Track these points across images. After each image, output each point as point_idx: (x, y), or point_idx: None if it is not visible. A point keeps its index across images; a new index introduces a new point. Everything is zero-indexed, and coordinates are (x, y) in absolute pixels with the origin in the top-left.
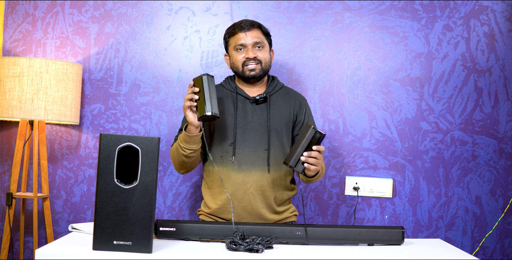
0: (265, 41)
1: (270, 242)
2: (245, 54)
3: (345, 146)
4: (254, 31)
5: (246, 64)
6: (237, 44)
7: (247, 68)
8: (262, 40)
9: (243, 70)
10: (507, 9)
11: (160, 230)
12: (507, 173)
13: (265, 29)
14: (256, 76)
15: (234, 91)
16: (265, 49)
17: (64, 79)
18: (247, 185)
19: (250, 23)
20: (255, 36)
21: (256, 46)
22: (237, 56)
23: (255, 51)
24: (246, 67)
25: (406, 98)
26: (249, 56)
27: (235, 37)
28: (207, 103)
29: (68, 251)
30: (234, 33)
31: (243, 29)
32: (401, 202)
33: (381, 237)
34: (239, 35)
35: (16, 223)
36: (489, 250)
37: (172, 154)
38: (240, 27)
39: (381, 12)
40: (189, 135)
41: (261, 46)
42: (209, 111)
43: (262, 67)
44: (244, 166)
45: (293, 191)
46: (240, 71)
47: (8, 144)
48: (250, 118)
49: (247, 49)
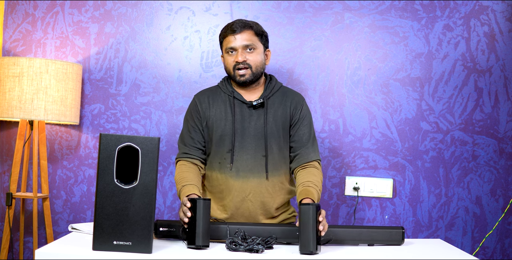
0: (257, 43)
1: (270, 242)
2: (234, 57)
3: (345, 146)
4: (245, 33)
5: (236, 68)
6: (227, 47)
7: (238, 73)
8: (254, 42)
9: (234, 75)
10: (507, 9)
11: (160, 230)
12: (507, 173)
13: (258, 29)
14: (247, 81)
15: (231, 95)
16: (256, 52)
17: (64, 79)
18: (246, 192)
19: (242, 24)
20: (246, 38)
21: (246, 48)
22: (228, 59)
23: (246, 54)
24: (236, 71)
25: (406, 98)
26: (238, 60)
27: (226, 39)
28: (198, 235)
29: (68, 251)
30: (225, 35)
31: (234, 32)
32: (401, 202)
33: (381, 237)
34: (229, 38)
35: (16, 223)
36: (489, 250)
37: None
38: (231, 30)
39: (381, 12)
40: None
41: (252, 48)
42: (199, 243)
43: (253, 71)
44: (242, 173)
45: (293, 193)
46: (232, 75)
47: (8, 144)
48: (247, 124)
49: (237, 53)
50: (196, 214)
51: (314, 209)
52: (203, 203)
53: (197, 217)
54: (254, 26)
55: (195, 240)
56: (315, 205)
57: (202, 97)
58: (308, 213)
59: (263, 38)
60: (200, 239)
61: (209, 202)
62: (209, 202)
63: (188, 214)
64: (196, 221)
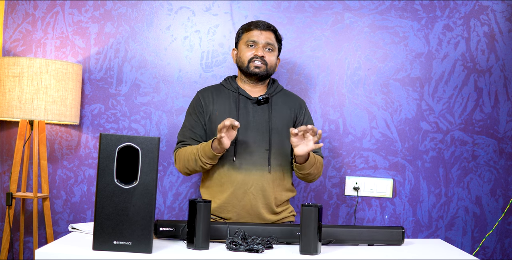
0: (276, 45)
1: (270, 242)
2: (254, 51)
3: (345, 146)
4: (269, 32)
5: (252, 60)
6: (250, 39)
7: (253, 64)
8: (274, 44)
9: (248, 66)
10: (507, 9)
11: (160, 230)
12: (507, 173)
13: (279, 34)
14: (259, 74)
15: (235, 91)
16: (274, 53)
17: (64, 79)
18: (248, 185)
19: (267, 25)
20: (269, 37)
21: (267, 47)
22: (246, 52)
23: (265, 52)
24: (252, 63)
25: (406, 98)
26: (258, 53)
27: (249, 33)
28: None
29: (68, 251)
30: (249, 29)
31: (259, 27)
32: (401, 202)
33: (381, 237)
34: (254, 32)
35: (16, 223)
36: (489, 250)
37: (186, 161)
38: (256, 25)
39: (381, 12)
40: (215, 154)
41: (271, 49)
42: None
43: (267, 68)
44: (245, 166)
45: (292, 192)
46: (245, 66)
47: (8, 144)
48: (252, 118)
49: (257, 47)
50: (196, 216)
51: (316, 210)
52: (203, 205)
53: (197, 219)
54: (277, 31)
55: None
56: (317, 206)
57: (206, 92)
58: (309, 214)
59: (280, 44)
60: (200, 242)
61: (209, 204)
62: (210, 204)
63: (234, 123)
64: (196, 223)
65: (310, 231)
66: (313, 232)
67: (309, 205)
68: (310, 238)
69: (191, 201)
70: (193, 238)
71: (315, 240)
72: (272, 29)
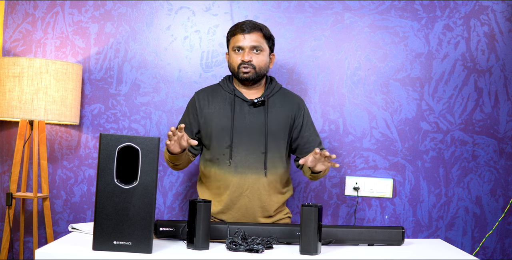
0: (264, 45)
1: (270, 242)
2: (241, 56)
3: (345, 146)
4: (254, 34)
5: (241, 67)
6: (235, 45)
7: (241, 71)
8: (261, 44)
9: (238, 72)
10: (507, 9)
11: (160, 230)
12: (507, 173)
13: (267, 32)
14: (249, 79)
15: (232, 93)
16: (262, 54)
17: (64, 79)
18: (243, 188)
19: (252, 25)
20: (254, 39)
21: (253, 49)
22: (234, 58)
23: (252, 55)
24: (240, 69)
25: (406, 98)
26: (244, 59)
27: (234, 38)
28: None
29: (68, 251)
30: (234, 33)
31: (243, 31)
32: (401, 202)
33: (381, 237)
34: (238, 36)
35: (16, 223)
36: (489, 250)
37: (164, 158)
38: (241, 29)
39: (381, 12)
40: (171, 155)
41: (259, 50)
42: (198, 246)
43: (256, 71)
44: (241, 169)
45: (288, 194)
46: (236, 72)
47: (8, 144)
48: (248, 121)
49: (243, 52)
50: (196, 216)
51: (316, 210)
52: (203, 205)
53: (197, 219)
54: (264, 28)
55: (193, 244)
56: (317, 206)
57: (202, 94)
58: (309, 214)
59: (270, 41)
60: (200, 242)
61: (209, 204)
62: (209, 204)
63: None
64: (196, 223)
65: (310, 231)
66: (313, 232)
67: (309, 205)
68: (310, 238)
69: (191, 201)
70: (193, 238)
71: (315, 240)
72: (259, 28)
